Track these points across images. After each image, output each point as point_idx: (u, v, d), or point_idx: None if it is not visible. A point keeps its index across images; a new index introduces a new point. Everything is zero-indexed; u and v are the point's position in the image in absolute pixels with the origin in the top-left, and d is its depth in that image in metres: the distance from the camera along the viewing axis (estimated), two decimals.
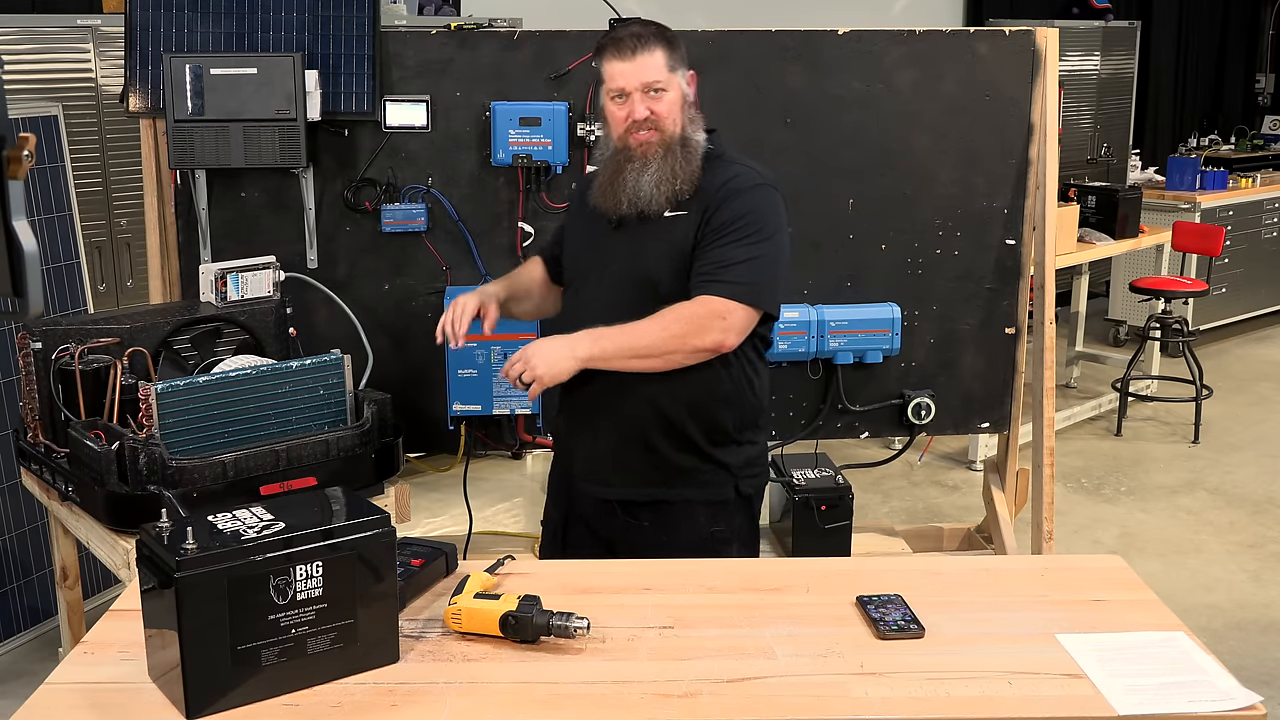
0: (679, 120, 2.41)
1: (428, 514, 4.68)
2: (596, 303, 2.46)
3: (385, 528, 1.79)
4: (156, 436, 2.53)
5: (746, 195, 2.38)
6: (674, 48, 2.41)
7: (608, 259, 2.48)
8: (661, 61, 2.38)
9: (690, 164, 2.39)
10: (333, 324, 3.33)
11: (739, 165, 2.44)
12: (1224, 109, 9.58)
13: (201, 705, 1.66)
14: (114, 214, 4.23)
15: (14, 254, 1.36)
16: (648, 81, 2.37)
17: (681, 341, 2.32)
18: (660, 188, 2.38)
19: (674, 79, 2.40)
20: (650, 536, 2.47)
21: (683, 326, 2.31)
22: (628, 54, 2.37)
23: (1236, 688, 1.74)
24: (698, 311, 2.32)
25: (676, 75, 2.41)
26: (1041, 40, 3.52)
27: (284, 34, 3.27)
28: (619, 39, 2.39)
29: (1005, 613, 1.98)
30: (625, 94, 2.39)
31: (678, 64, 2.42)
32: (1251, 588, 4.22)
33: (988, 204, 3.59)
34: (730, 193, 2.38)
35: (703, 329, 2.31)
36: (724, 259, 2.34)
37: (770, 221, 2.39)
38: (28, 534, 3.67)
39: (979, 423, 3.77)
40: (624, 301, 2.40)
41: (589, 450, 2.53)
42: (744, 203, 2.37)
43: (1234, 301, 7.32)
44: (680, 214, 2.39)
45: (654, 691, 1.74)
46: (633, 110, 2.38)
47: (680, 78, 2.42)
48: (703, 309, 2.32)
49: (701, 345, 2.32)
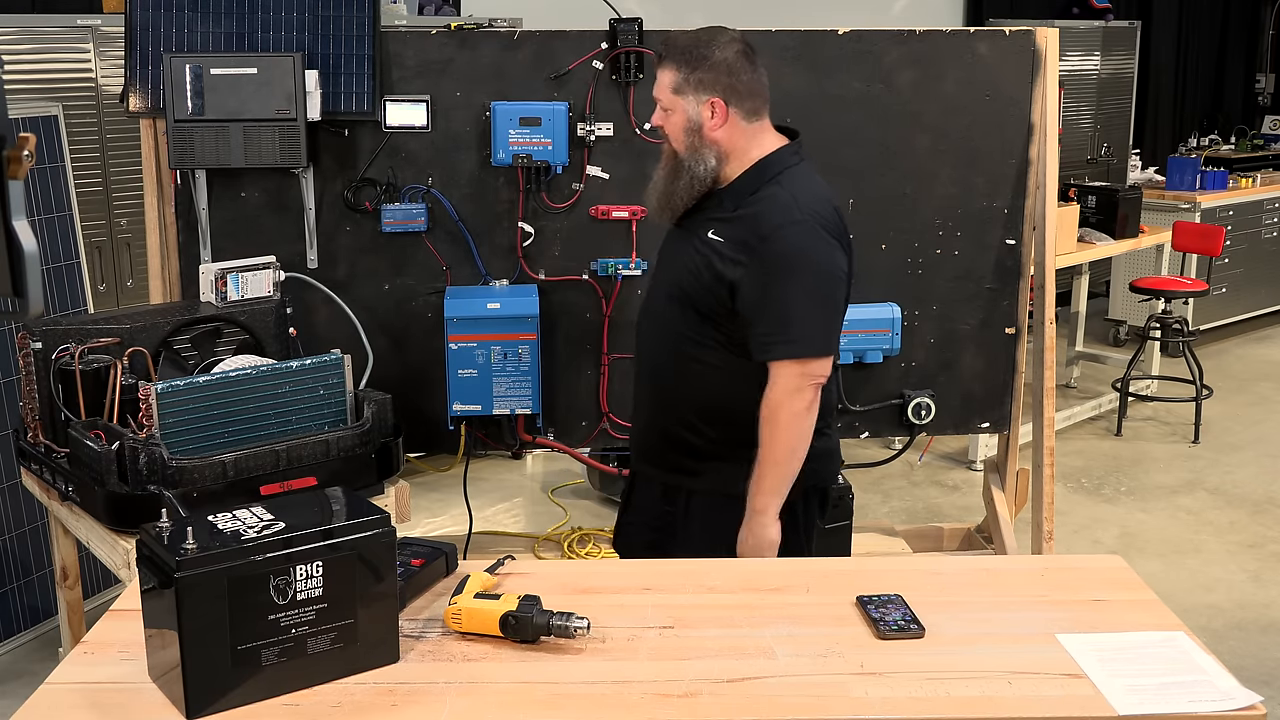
0: (681, 143, 2.42)
1: (428, 514, 4.68)
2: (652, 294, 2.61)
3: (385, 528, 1.79)
4: (156, 436, 2.53)
5: (784, 235, 2.34)
6: (690, 69, 2.37)
7: (664, 254, 2.58)
8: (667, 82, 2.40)
9: (694, 188, 2.41)
10: (333, 324, 3.33)
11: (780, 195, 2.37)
12: (1224, 109, 9.58)
13: (201, 705, 1.66)
14: (114, 214, 4.23)
15: (14, 254, 1.36)
16: (656, 97, 2.44)
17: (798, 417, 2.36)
18: (664, 203, 2.47)
19: (678, 102, 2.40)
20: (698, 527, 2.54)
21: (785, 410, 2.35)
22: (658, 62, 2.45)
23: (1236, 688, 1.74)
24: (785, 388, 2.35)
25: (683, 99, 2.39)
26: (1041, 40, 3.52)
27: (284, 34, 3.27)
28: (662, 44, 2.45)
29: (1005, 613, 1.98)
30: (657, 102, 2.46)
31: (689, 88, 2.38)
32: (1251, 588, 4.22)
33: (988, 204, 3.59)
34: (768, 233, 2.35)
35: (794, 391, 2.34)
36: (777, 313, 2.34)
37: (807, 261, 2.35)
38: (28, 534, 3.67)
39: (979, 423, 3.77)
40: (665, 296, 2.51)
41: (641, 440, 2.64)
42: (783, 243, 2.34)
43: (1234, 301, 7.32)
44: (717, 240, 2.39)
45: (654, 691, 1.74)
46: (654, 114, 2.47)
47: (689, 102, 2.39)
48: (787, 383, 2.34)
49: (805, 408, 2.36)
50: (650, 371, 2.59)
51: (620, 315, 3.51)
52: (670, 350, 2.50)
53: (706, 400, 2.48)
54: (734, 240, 2.37)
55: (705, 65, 2.37)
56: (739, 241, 2.37)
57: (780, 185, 2.38)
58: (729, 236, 2.38)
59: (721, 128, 2.39)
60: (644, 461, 2.64)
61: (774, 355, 2.35)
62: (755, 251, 2.34)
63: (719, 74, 2.37)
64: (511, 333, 3.24)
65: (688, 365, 2.47)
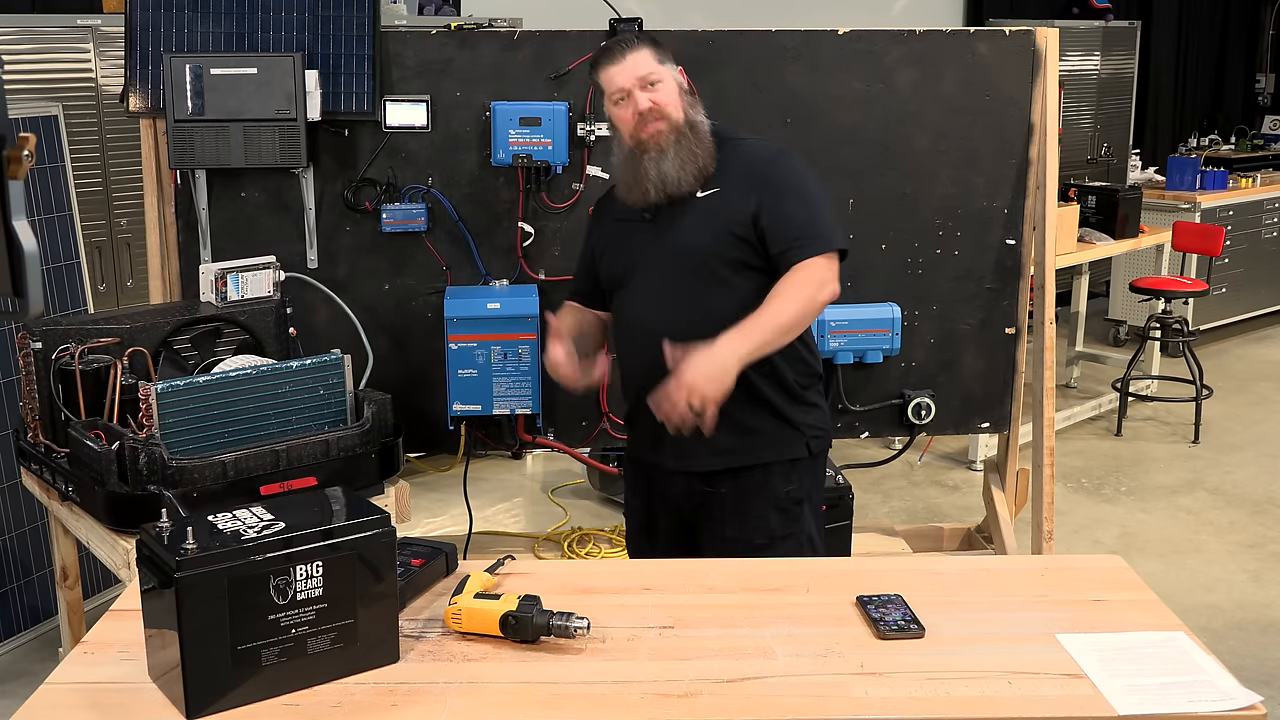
0: (680, 105, 2.52)
1: (428, 514, 4.68)
2: (649, 288, 2.56)
3: (385, 528, 1.79)
4: (156, 436, 2.53)
5: (780, 160, 2.55)
6: (658, 45, 2.55)
7: (648, 247, 2.57)
8: (650, 56, 2.51)
9: (704, 142, 2.52)
10: (333, 324, 3.33)
11: (749, 140, 2.60)
12: (1224, 109, 9.58)
13: (201, 705, 1.66)
14: (114, 214, 4.23)
15: (14, 254, 1.36)
16: (642, 76, 2.49)
17: (812, 304, 2.43)
18: (685, 168, 2.49)
19: (665, 70, 2.53)
20: (729, 504, 2.57)
21: (809, 291, 2.42)
22: (618, 57, 2.51)
23: (1236, 688, 1.74)
24: (811, 275, 2.43)
25: (667, 67, 2.54)
26: (1041, 40, 3.52)
27: (284, 34, 3.27)
28: (607, 48, 2.55)
29: (1005, 613, 1.98)
30: (626, 93, 2.50)
31: (665, 58, 2.55)
32: (1251, 588, 4.22)
33: (988, 204, 3.59)
34: (765, 163, 2.53)
35: (821, 285, 2.43)
36: (798, 221, 2.47)
37: (807, 174, 2.55)
38: (28, 534, 3.67)
39: (979, 423, 3.77)
40: (675, 278, 2.52)
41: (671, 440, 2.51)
42: (782, 167, 2.53)
43: (1234, 301, 7.32)
44: (714, 191, 2.51)
45: (654, 691, 1.74)
46: (636, 104, 2.49)
47: (671, 69, 2.55)
48: (813, 271, 2.43)
49: (825, 300, 2.45)
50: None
51: None
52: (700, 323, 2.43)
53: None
54: (734, 181, 2.50)
55: (660, 42, 2.58)
56: (739, 179, 2.50)
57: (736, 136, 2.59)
58: (725, 183, 2.51)
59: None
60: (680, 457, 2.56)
61: (808, 252, 2.43)
62: (763, 177, 2.50)
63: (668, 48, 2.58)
64: (511, 333, 3.24)
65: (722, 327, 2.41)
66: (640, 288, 2.59)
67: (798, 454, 2.58)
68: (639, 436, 2.69)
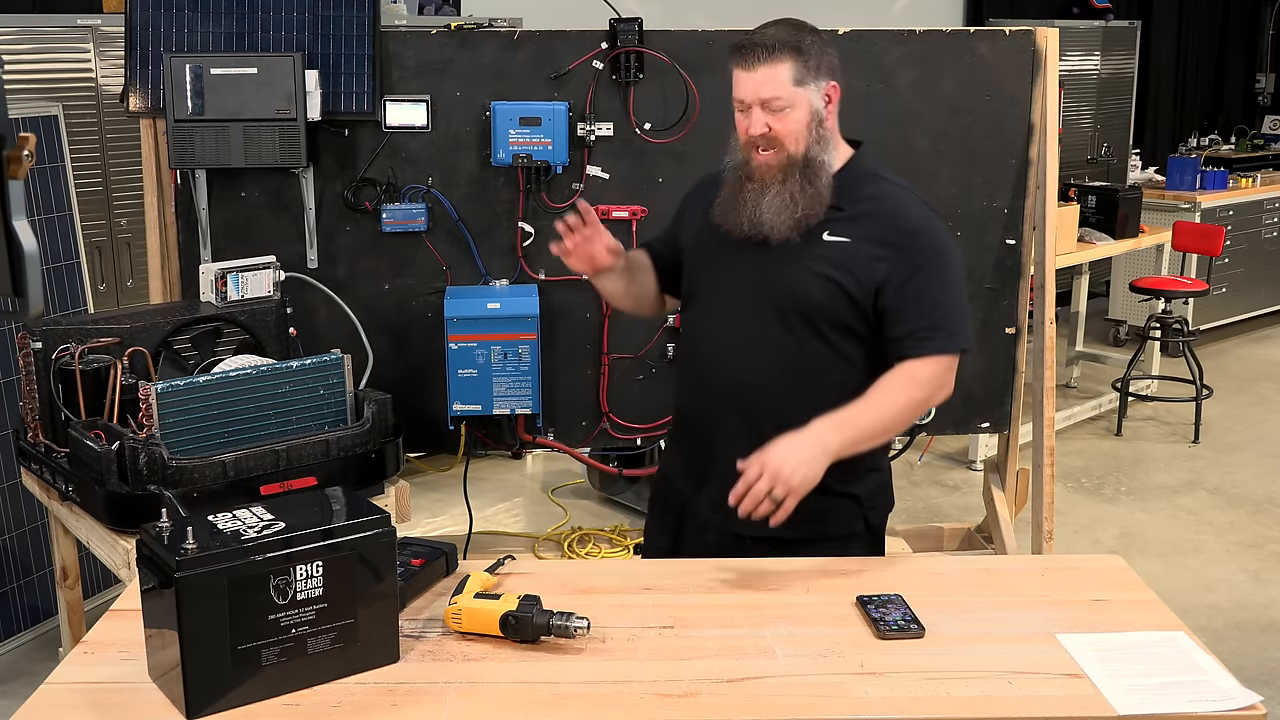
0: (802, 140, 2.19)
1: (428, 514, 4.68)
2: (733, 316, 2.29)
3: (385, 528, 1.79)
4: (156, 436, 2.53)
5: (926, 231, 2.23)
6: (806, 58, 2.18)
7: (745, 270, 2.27)
8: (786, 76, 2.17)
9: (812, 187, 2.20)
10: (333, 324, 3.33)
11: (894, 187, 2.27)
12: (1224, 109, 9.58)
13: (201, 705, 1.66)
14: (114, 214, 4.23)
15: (14, 254, 1.36)
16: (766, 98, 2.17)
17: (923, 408, 2.22)
18: (780, 215, 2.20)
19: (801, 95, 2.18)
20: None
21: (924, 394, 2.19)
22: (752, 63, 2.17)
23: (1236, 688, 1.74)
24: (930, 377, 2.19)
25: (805, 90, 2.18)
26: (1041, 40, 3.52)
27: (284, 34, 3.27)
28: (747, 45, 2.19)
29: (1005, 613, 1.98)
30: (747, 106, 2.20)
31: (809, 76, 2.19)
32: (1251, 588, 4.22)
33: (988, 204, 3.59)
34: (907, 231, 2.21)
35: (938, 389, 2.21)
36: (928, 309, 2.19)
37: (951, 252, 2.26)
38: (28, 534, 3.67)
39: (979, 423, 3.77)
40: (763, 316, 2.24)
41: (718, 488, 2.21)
42: (925, 241, 2.22)
43: (1234, 301, 7.32)
44: (841, 240, 2.20)
45: (654, 691, 1.73)
46: (751, 124, 2.20)
47: (811, 92, 2.19)
48: (938, 368, 2.19)
49: (939, 401, 2.24)
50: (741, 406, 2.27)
51: (620, 315, 3.51)
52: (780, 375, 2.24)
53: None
54: (865, 238, 2.20)
55: (815, 49, 2.20)
56: (873, 238, 2.20)
57: (888, 180, 2.27)
58: (857, 235, 2.20)
59: (833, 116, 2.24)
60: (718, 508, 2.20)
61: (929, 349, 2.18)
62: (899, 247, 2.19)
63: (827, 55, 2.22)
64: (511, 333, 3.24)
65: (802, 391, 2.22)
66: (723, 312, 2.31)
67: (853, 529, 2.31)
68: (681, 464, 2.45)
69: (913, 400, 2.19)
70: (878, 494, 2.36)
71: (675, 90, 3.39)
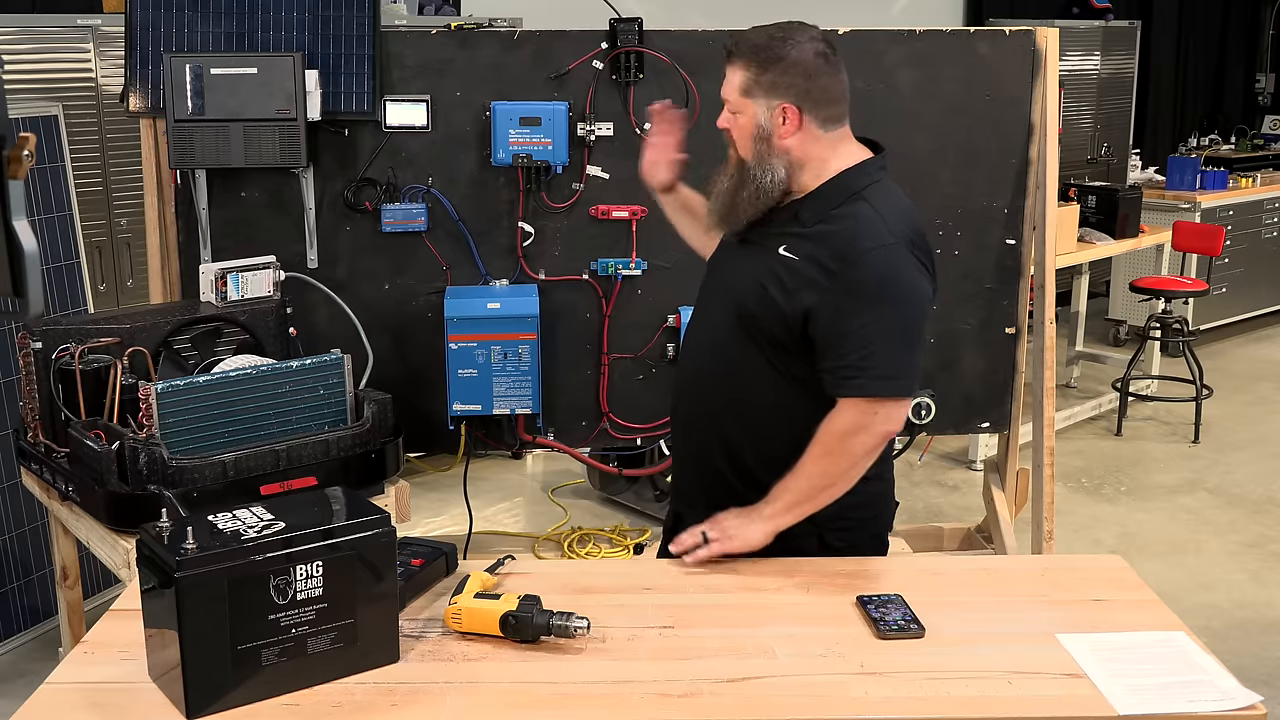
0: (749, 149, 2.16)
1: (428, 514, 4.68)
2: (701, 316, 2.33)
3: (385, 528, 1.79)
4: (156, 436, 2.53)
5: (868, 261, 2.09)
6: (762, 71, 2.12)
7: (723, 273, 2.30)
8: (736, 82, 2.15)
9: (753, 202, 2.16)
10: (333, 324, 3.33)
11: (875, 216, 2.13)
12: (1224, 109, 9.58)
13: (201, 705, 1.66)
14: (114, 214, 4.23)
15: (14, 254, 1.36)
16: (723, 96, 2.19)
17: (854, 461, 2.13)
18: (726, 216, 2.22)
19: (747, 105, 2.14)
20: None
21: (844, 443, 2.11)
22: (727, 59, 2.19)
23: (1236, 688, 1.74)
24: (852, 419, 2.10)
25: (753, 102, 2.14)
26: (1041, 40, 3.52)
27: (284, 34, 3.27)
28: (731, 46, 2.18)
29: (1005, 613, 1.98)
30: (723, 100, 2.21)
31: (759, 91, 2.13)
32: (1251, 587, 4.22)
33: (988, 204, 3.59)
34: (848, 258, 2.09)
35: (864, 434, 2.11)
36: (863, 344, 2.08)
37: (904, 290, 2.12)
38: (28, 534, 3.67)
39: (979, 423, 3.77)
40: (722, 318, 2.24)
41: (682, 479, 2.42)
42: (865, 273, 2.09)
43: (1234, 301, 7.32)
44: (791, 258, 2.13)
45: (654, 691, 1.74)
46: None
47: (759, 106, 2.14)
48: (855, 414, 2.10)
49: (872, 448, 2.14)
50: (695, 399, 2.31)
51: (620, 315, 3.51)
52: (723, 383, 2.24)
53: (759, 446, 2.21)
54: (811, 259, 2.11)
55: (778, 66, 2.12)
56: (817, 261, 2.10)
57: (867, 201, 2.14)
58: (805, 254, 2.12)
59: (794, 135, 2.14)
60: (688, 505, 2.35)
61: (849, 391, 2.09)
62: (836, 274, 2.08)
63: (793, 77, 2.12)
64: (511, 333, 3.24)
65: (743, 403, 2.22)
66: (704, 302, 2.33)
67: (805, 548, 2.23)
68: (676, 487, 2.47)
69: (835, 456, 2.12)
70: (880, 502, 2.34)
71: (675, 90, 3.39)
